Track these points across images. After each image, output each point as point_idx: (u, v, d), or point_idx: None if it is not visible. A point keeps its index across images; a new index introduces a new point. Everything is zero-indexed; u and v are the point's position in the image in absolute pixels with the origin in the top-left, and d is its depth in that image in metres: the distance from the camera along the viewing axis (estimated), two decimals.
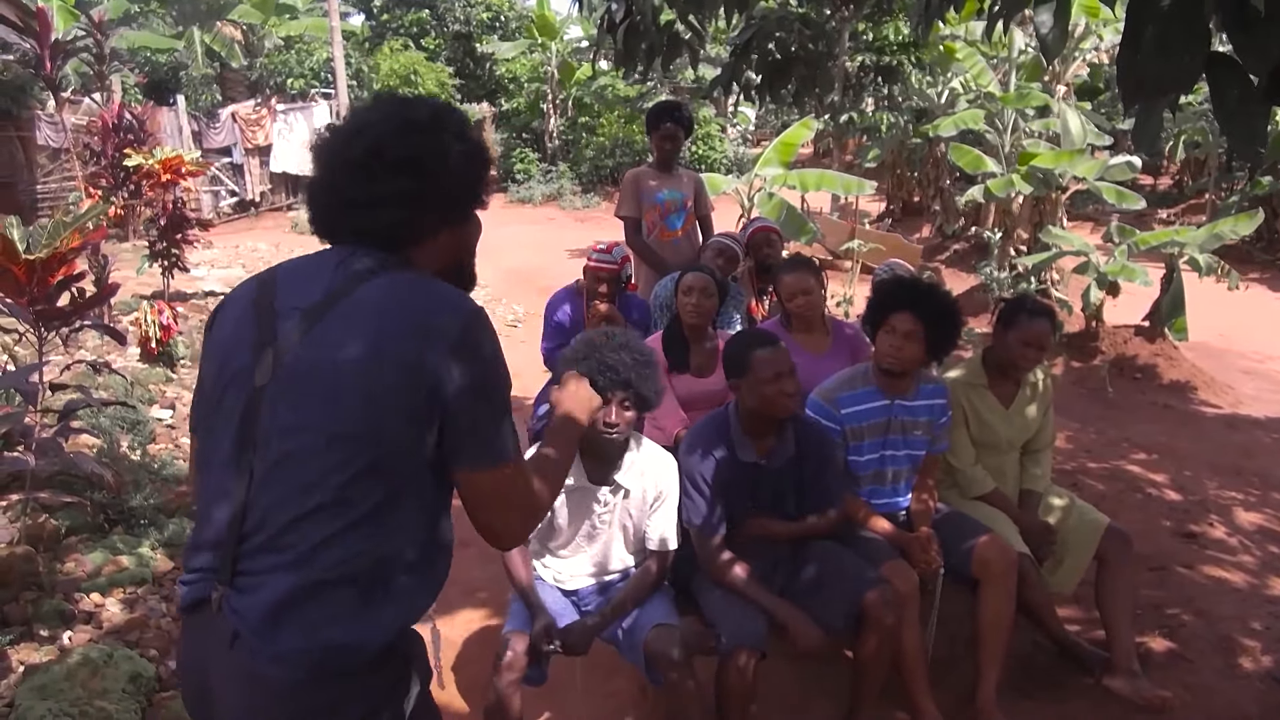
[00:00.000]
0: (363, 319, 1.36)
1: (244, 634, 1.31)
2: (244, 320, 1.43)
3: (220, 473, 1.39)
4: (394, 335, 1.34)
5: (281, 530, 1.32)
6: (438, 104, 1.53)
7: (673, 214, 4.81)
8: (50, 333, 3.98)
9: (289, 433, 1.34)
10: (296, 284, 1.44)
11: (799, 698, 3.14)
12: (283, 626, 1.30)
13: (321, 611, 1.31)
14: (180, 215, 7.60)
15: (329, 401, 1.33)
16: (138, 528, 4.04)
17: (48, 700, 2.69)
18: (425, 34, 22.78)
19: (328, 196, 1.49)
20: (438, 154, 1.46)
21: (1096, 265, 7.69)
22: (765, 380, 2.64)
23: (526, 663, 2.49)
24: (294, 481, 1.33)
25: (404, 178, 1.43)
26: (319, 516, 1.31)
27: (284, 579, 1.31)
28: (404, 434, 1.34)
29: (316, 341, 1.36)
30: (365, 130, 1.45)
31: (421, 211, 1.46)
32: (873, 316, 3.03)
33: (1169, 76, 1.62)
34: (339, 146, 1.47)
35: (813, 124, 10.75)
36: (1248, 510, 4.81)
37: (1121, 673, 3.07)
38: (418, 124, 1.46)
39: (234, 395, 1.39)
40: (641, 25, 4.17)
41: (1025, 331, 3.12)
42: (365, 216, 1.44)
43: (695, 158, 20.14)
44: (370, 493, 1.33)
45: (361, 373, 1.32)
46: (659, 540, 2.73)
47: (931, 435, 3.09)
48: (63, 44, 10.65)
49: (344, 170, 1.45)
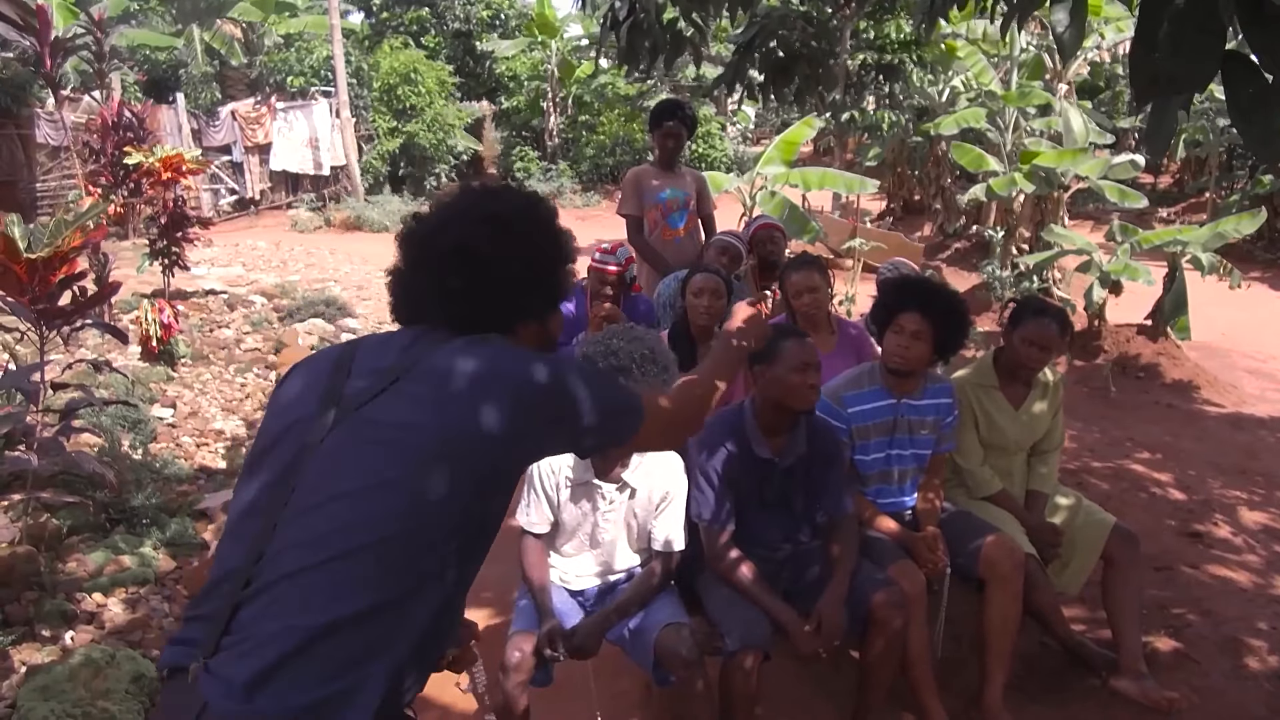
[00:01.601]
0: (434, 382, 1.35)
1: (214, 706, 1.20)
2: (318, 378, 1.43)
3: (242, 521, 1.34)
4: (461, 393, 1.33)
5: (286, 575, 1.24)
6: (527, 198, 1.57)
7: (675, 213, 4.80)
8: (51, 331, 3.97)
9: (333, 477, 1.30)
10: (377, 349, 1.45)
11: (805, 699, 3.12)
12: (270, 686, 1.20)
13: (315, 669, 1.21)
14: (180, 213, 7.58)
15: (380, 461, 1.29)
16: (139, 527, 4.03)
17: (50, 701, 2.67)
18: (425, 32, 22.73)
19: (403, 281, 1.52)
20: (524, 252, 1.49)
21: (1099, 264, 7.68)
22: (793, 369, 2.64)
23: (534, 664, 2.48)
24: (314, 531, 1.26)
25: (487, 274, 1.45)
26: (328, 569, 1.24)
27: (271, 642, 1.21)
28: (454, 498, 1.30)
29: (384, 403, 1.34)
30: (450, 225, 1.47)
31: (504, 305, 1.49)
32: (880, 316, 3.02)
33: (1183, 75, 1.60)
34: (426, 237, 1.49)
35: (814, 122, 10.72)
36: (1252, 510, 4.80)
37: (1128, 674, 3.05)
38: (506, 221, 1.48)
39: (286, 446, 1.37)
40: (645, 23, 4.16)
41: (1032, 331, 3.11)
42: (439, 308, 1.46)
43: (696, 156, 20.12)
44: (385, 562, 1.26)
45: (423, 433, 1.30)
46: (664, 541, 2.72)
47: (938, 435, 3.07)
48: (62, 41, 10.62)
49: (420, 257, 1.49)
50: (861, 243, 10.53)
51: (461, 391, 1.33)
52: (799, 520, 2.87)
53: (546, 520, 2.70)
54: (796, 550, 2.89)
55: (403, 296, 1.53)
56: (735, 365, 1.86)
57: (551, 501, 2.69)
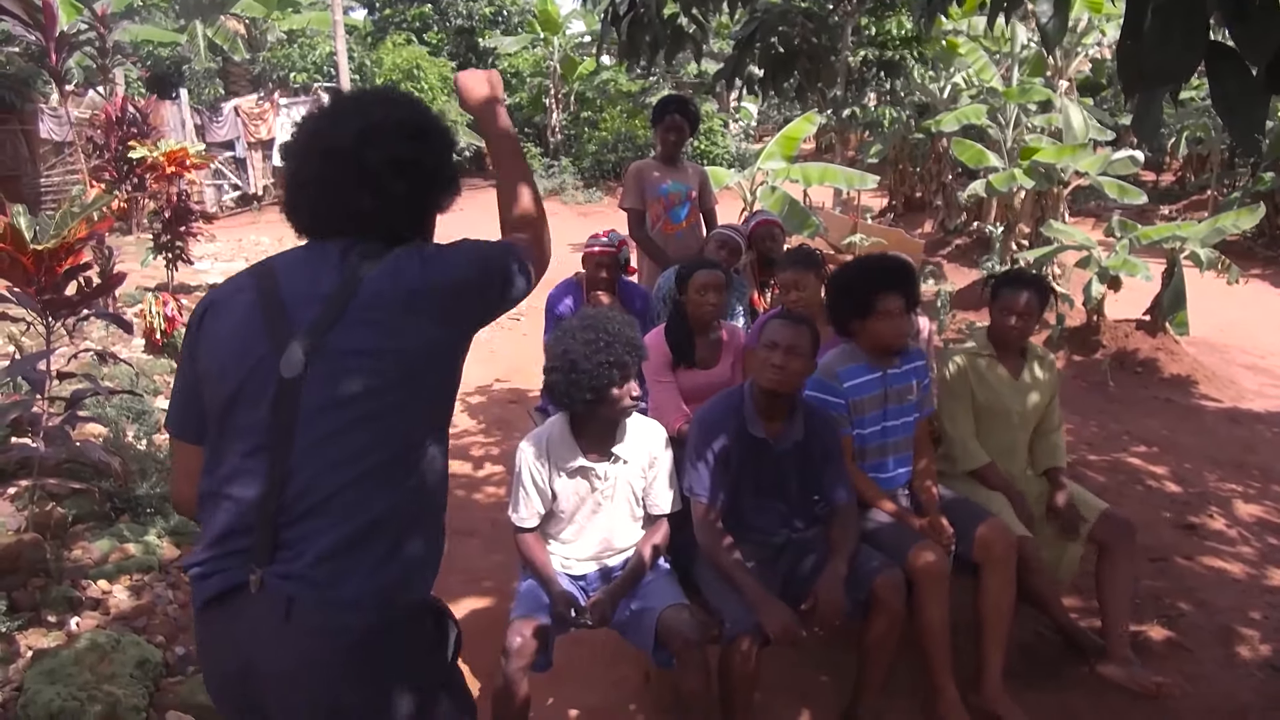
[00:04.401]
0: (383, 304, 1.44)
1: (302, 597, 1.35)
2: (249, 311, 1.46)
3: (244, 461, 1.41)
4: (405, 288, 1.45)
5: (328, 496, 1.38)
6: (420, 102, 1.65)
7: (677, 206, 4.82)
8: (57, 322, 4.01)
9: (334, 408, 1.40)
10: (301, 276, 1.48)
11: (804, 683, 3.16)
12: (344, 576, 1.37)
13: (374, 555, 1.40)
14: (184, 208, 7.62)
15: (374, 374, 1.41)
16: (144, 516, 4.07)
17: (56, 684, 2.71)
18: (428, 28, 22.74)
19: (325, 202, 1.54)
20: (439, 156, 1.59)
21: (1098, 260, 7.70)
22: (763, 344, 2.74)
23: (534, 649, 2.52)
24: (342, 452, 1.40)
25: (411, 182, 1.53)
26: (366, 480, 1.40)
27: (330, 536, 1.38)
28: (437, 394, 1.51)
29: (346, 332, 1.42)
30: (369, 134, 1.50)
31: (426, 207, 1.61)
32: (857, 308, 3.05)
33: (1168, 66, 1.63)
34: (335, 147, 1.52)
35: (815, 118, 10.73)
36: (1248, 503, 4.83)
37: (1116, 659, 3.09)
38: (426, 130, 1.57)
39: (255, 387, 1.41)
40: (645, 18, 4.18)
41: (1009, 301, 3.22)
42: (369, 219, 1.52)
43: (698, 153, 20.11)
44: (405, 464, 1.45)
45: (394, 356, 1.43)
46: (661, 504, 2.81)
47: (920, 398, 3.15)
48: (67, 37, 10.69)
49: (346, 173, 1.50)
50: (862, 238, 10.55)
51: (410, 308, 1.45)
52: (795, 507, 2.90)
53: (537, 515, 2.74)
54: (793, 538, 2.92)
55: (313, 211, 1.56)
56: (505, 121, 1.79)
57: (544, 494, 2.72)
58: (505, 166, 1.73)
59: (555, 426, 2.75)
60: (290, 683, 1.39)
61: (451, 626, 1.57)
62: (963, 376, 3.29)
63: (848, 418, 3.02)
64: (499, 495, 4.80)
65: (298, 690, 1.39)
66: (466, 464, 5.36)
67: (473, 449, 5.62)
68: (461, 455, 5.48)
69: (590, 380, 2.53)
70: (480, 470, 5.28)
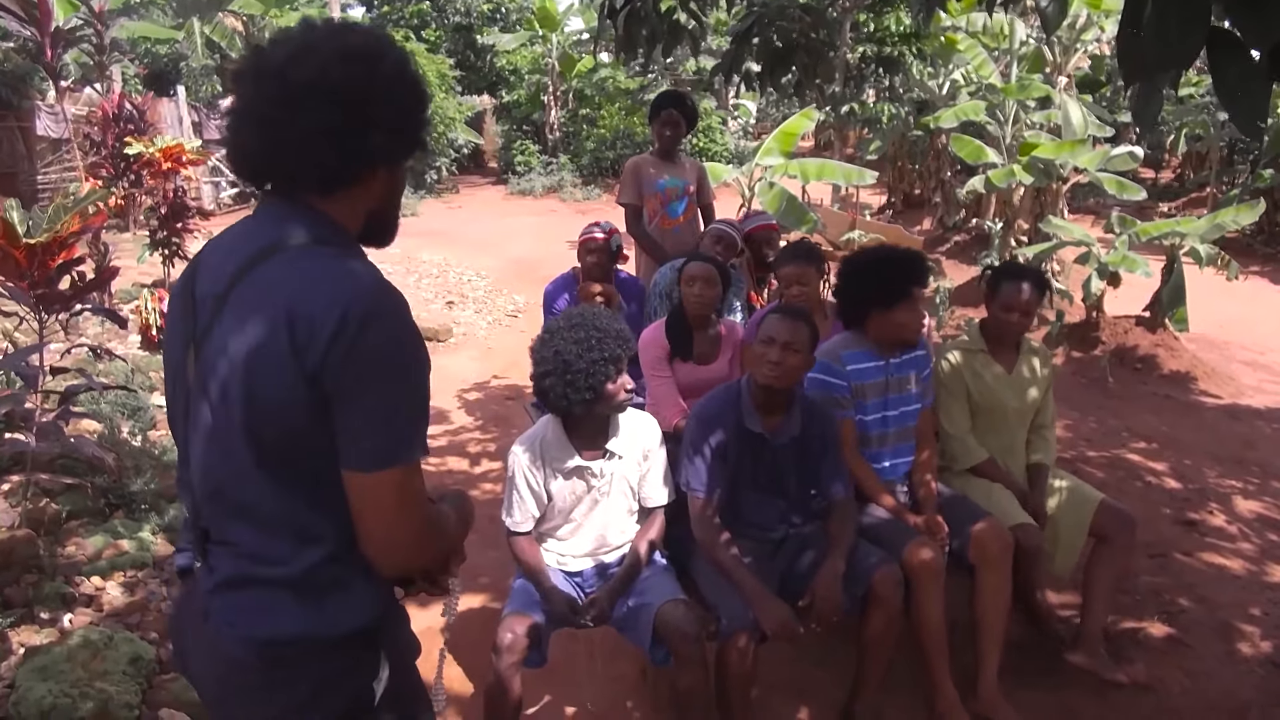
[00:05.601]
0: (250, 310, 1.26)
1: (211, 611, 1.36)
2: (177, 312, 1.40)
3: (180, 467, 1.43)
4: (273, 327, 1.22)
5: (221, 525, 1.36)
6: (376, 32, 1.38)
7: (674, 201, 4.81)
8: (50, 317, 3.98)
9: (206, 430, 1.32)
10: (214, 266, 1.36)
11: (801, 679, 3.15)
12: (227, 610, 1.34)
13: (252, 603, 1.33)
14: (181, 204, 7.59)
15: (232, 401, 1.26)
16: (138, 512, 4.05)
17: (48, 681, 2.69)
18: (426, 25, 22.71)
19: (254, 134, 1.31)
20: (380, 85, 1.31)
21: (1097, 256, 7.68)
22: (761, 339, 2.73)
23: (527, 645, 2.50)
24: (215, 481, 1.33)
25: (342, 110, 1.28)
26: (244, 515, 1.32)
27: (226, 567, 1.35)
28: (304, 429, 1.26)
29: (222, 334, 1.28)
30: (298, 60, 1.27)
31: (359, 147, 1.31)
32: (884, 298, 3.01)
33: (1169, 53, 1.61)
34: (265, 67, 1.30)
35: (814, 115, 10.70)
36: (1247, 499, 4.82)
37: (1085, 648, 3.09)
38: (357, 52, 1.30)
39: (174, 392, 1.40)
40: (642, 12, 4.16)
41: (1011, 297, 3.20)
42: (296, 156, 1.29)
43: (696, 150, 20.09)
44: (284, 491, 1.29)
45: (250, 369, 1.24)
46: (656, 497, 2.81)
47: (922, 389, 3.14)
48: (63, 33, 10.65)
49: (273, 104, 1.28)
50: (860, 234, 10.53)
51: (270, 321, 1.23)
52: (792, 503, 2.89)
53: (530, 519, 2.72)
54: (790, 533, 2.91)
55: (241, 150, 1.35)
56: (458, 527, 1.54)
57: (538, 498, 2.71)
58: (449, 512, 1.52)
59: (548, 427, 2.72)
60: (200, 679, 1.45)
61: (383, 660, 1.40)
62: (957, 373, 3.28)
63: (850, 400, 3.00)
64: (495, 491, 4.78)
65: (205, 687, 1.45)
66: (463, 460, 5.35)
67: (469, 445, 5.60)
68: (458, 451, 5.47)
69: (587, 379, 2.50)
70: (477, 466, 5.27)
